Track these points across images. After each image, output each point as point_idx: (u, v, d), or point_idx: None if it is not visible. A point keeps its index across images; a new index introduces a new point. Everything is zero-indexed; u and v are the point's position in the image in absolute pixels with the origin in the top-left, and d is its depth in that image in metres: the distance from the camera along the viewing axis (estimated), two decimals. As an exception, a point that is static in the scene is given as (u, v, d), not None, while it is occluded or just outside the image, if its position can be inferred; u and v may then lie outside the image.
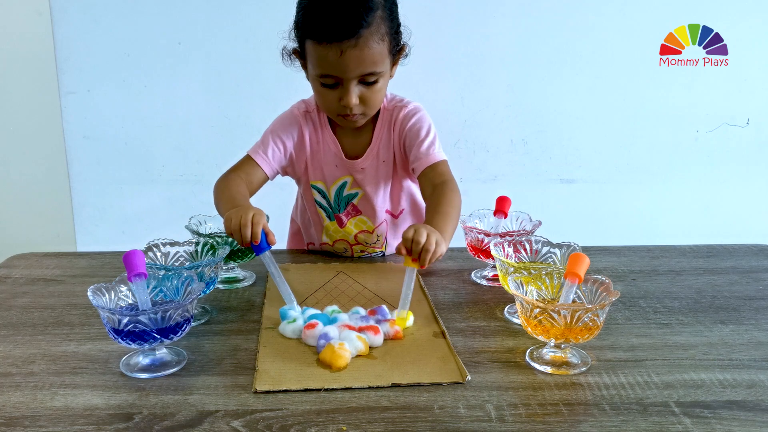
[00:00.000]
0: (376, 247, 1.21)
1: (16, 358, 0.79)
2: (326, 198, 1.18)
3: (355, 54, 0.97)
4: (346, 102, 1.02)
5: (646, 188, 2.12)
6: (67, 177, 1.98)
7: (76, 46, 1.87)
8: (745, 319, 0.92)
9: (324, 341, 0.79)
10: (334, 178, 1.16)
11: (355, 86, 1.02)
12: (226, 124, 1.97)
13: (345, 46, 0.97)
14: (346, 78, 1.00)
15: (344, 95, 1.02)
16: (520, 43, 1.96)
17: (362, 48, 0.97)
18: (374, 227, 1.18)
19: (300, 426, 0.65)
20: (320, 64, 1.01)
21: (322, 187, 1.17)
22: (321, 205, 1.19)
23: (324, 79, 1.02)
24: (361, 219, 1.18)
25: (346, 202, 1.17)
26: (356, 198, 1.17)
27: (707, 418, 0.67)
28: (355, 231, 1.18)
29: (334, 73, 1.00)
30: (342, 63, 0.98)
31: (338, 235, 1.19)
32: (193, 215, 1.07)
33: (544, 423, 0.66)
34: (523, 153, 2.04)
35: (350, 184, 1.16)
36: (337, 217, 1.18)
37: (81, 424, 0.65)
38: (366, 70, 1.00)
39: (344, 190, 1.16)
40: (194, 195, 2.00)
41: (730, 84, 2.03)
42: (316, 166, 1.16)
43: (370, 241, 1.19)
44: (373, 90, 1.04)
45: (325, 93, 1.05)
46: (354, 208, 1.18)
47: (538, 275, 0.83)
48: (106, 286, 0.78)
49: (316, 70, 1.02)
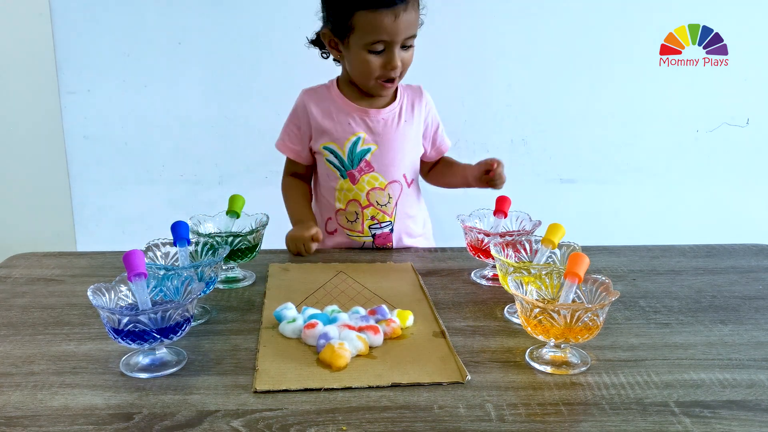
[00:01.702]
0: (387, 214, 1.25)
1: (16, 357, 0.79)
2: (338, 157, 1.23)
3: (406, 17, 1.10)
4: (394, 64, 1.14)
5: (646, 188, 2.13)
6: (67, 177, 1.98)
7: (76, 46, 1.87)
8: (745, 319, 0.92)
9: (324, 341, 0.79)
10: (347, 135, 1.23)
11: (398, 50, 1.14)
12: (226, 124, 1.97)
13: (399, 10, 1.09)
14: (395, 41, 1.12)
15: (392, 58, 1.14)
16: (520, 43, 1.96)
17: (410, 12, 1.11)
18: (386, 184, 1.24)
19: (300, 426, 0.65)
20: (374, 31, 1.11)
21: (333, 146, 1.23)
22: (333, 164, 1.25)
23: (374, 46, 1.13)
24: (373, 176, 1.24)
25: (360, 157, 1.23)
26: (369, 153, 1.23)
27: (707, 418, 0.67)
28: (367, 188, 1.24)
29: (387, 37, 1.11)
30: (396, 26, 1.10)
31: (351, 194, 1.24)
32: (193, 215, 1.07)
33: (544, 423, 0.66)
34: (523, 153, 2.04)
35: (363, 140, 1.22)
36: (350, 174, 1.24)
37: (81, 424, 0.65)
38: (412, 32, 1.13)
39: (358, 145, 1.22)
40: (194, 195, 2.00)
41: (730, 84, 2.03)
42: (325, 128, 1.23)
43: (381, 201, 1.24)
44: (409, 53, 1.17)
45: (371, 60, 1.15)
46: (367, 164, 1.23)
47: (537, 275, 0.83)
48: (106, 286, 0.78)
49: (367, 38, 1.12)
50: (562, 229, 0.93)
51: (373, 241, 1.26)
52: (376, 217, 1.25)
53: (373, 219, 1.25)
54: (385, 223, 1.26)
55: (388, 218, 1.26)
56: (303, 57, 1.93)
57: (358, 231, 1.26)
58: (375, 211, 1.25)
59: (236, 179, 2.00)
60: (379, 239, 1.27)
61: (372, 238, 1.26)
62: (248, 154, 1.99)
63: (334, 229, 1.29)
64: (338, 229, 1.28)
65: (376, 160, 1.24)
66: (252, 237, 1.01)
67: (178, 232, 0.93)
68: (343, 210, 1.26)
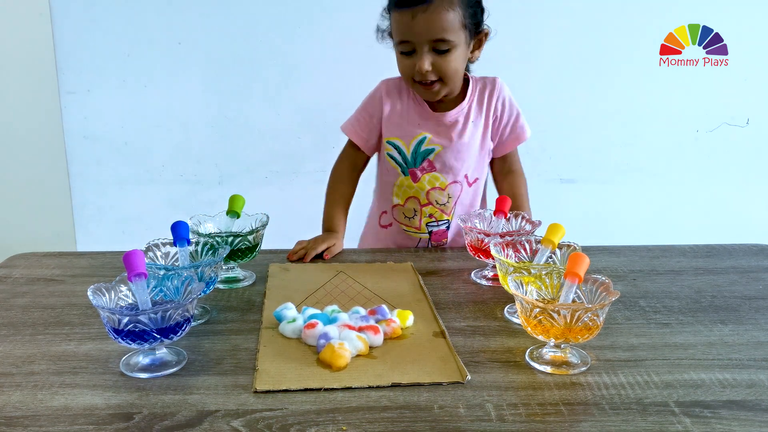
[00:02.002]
0: (445, 213, 1.25)
1: (17, 357, 0.79)
2: (402, 153, 1.23)
3: (425, 18, 1.08)
4: (419, 66, 1.12)
5: (646, 188, 2.13)
6: (67, 177, 1.98)
7: (76, 46, 1.87)
8: (745, 319, 0.92)
9: (324, 341, 0.79)
10: (414, 134, 1.22)
11: (427, 53, 1.12)
12: (226, 124, 1.97)
13: (416, 11, 1.08)
14: (417, 42, 1.11)
15: (417, 61, 1.12)
16: (520, 43, 1.96)
17: (431, 13, 1.08)
18: (447, 184, 1.24)
19: (300, 426, 0.65)
20: (397, 31, 1.13)
21: (398, 142, 1.23)
22: (395, 159, 1.25)
23: (401, 46, 1.14)
24: (434, 175, 1.24)
25: (423, 157, 1.23)
26: (433, 154, 1.23)
27: (707, 418, 0.67)
28: (427, 187, 1.24)
29: (407, 37, 1.11)
30: (413, 27, 1.09)
31: (411, 192, 1.25)
32: (193, 215, 1.07)
33: (544, 423, 0.66)
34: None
35: (428, 140, 1.22)
36: (412, 172, 1.24)
37: (81, 424, 0.65)
38: (436, 35, 1.10)
39: (422, 145, 1.22)
40: (194, 195, 2.00)
41: (730, 84, 2.03)
42: (395, 122, 1.24)
43: (440, 200, 1.24)
44: (445, 59, 1.13)
45: (403, 60, 1.16)
46: (429, 164, 1.23)
47: (537, 275, 0.83)
48: (106, 286, 0.78)
49: (396, 37, 1.14)
50: (562, 229, 0.93)
51: (429, 238, 1.27)
52: (434, 215, 1.26)
53: (431, 217, 1.26)
54: (443, 222, 1.27)
55: (446, 217, 1.27)
56: (303, 57, 1.93)
57: (414, 227, 1.27)
58: (434, 210, 1.26)
59: (236, 179, 2.00)
60: (436, 236, 1.27)
61: (429, 235, 1.27)
62: (248, 154, 1.99)
63: (389, 223, 1.29)
64: (393, 224, 1.29)
65: (438, 161, 1.23)
66: (252, 237, 1.01)
67: (178, 232, 0.93)
68: (401, 206, 1.26)
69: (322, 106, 1.89)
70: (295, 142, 1.96)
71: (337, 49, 1.89)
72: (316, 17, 1.89)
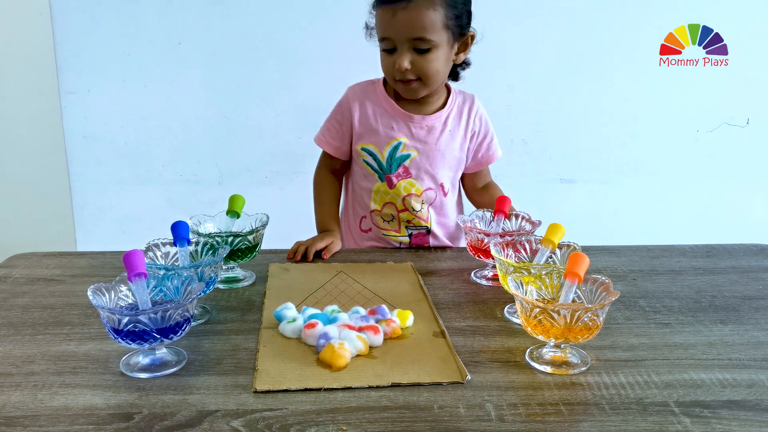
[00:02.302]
0: (422, 219, 1.25)
1: (17, 357, 0.79)
2: (377, 160, 1.23)
3: (404, 16, 1.09)
4: (398, 64, 1.12)
5: (646, 188, 2.12)
6: (67, 177, 1.98)
7: (76, 46, 1.87)
8: (745, 319, 0.92)
9: (324, 341, 0.79)
10: (389, 139, 1.22)
11: (407, 51, 1.12)
12: (226, 124, 1.97)
13: (397, 8, 1.09)
14: (397, 39, 1.11)
15: (396, 59, 1.13)
16: (520, 43, 1.96)
17: (411, 11, 1.08)
18: (422, 191, 1.24)
19: (300, 426, 0.65)
20: (379, 27, 1.14)
21: (371, 148, 1.23)
22: (371, 166, 1.25)
23: (382, 43, 1.14)
24: (410, 182, 1.24)
25: (398, 162, 1.23)
26: (408, 159, 1.22)
27: (707, 418, 0.67)
28: (403, 193, 1.24)
29: (387, 34, 1.12)
30: (394, 24, 1.10)
31: (387, 197, 1.25)
32: (193, 215, 1.07)
33: (544, 423, 0.66)
34: (523, 153, 2.04)
35: (404, 145, 1.22)
36: (387, 178, 1.24)
37: (81, 424, 0.65)
38: (415, 33, 1.10)
39: (398, 150, 1.22)
40: (194, 195, 2.00)
41: (730, 84, 2.03)
42: (367, 128, 1.23)
43: (416, 207, 1.24)
44: (426, 59, 1.12)
45: (384, 58, 1.16)
46: (405, 170, 1.23)
47: (537, 275, 0.83)
48: (106, 285, 0.78)
49: (378, 34, 1.15)
50: (562, 229, 0.94)
51: (409, 240, 1.27)
52: (412, 221, 1.26)
53: (409, 222, 1.26)
54: (421, 227, 1.27)
55: (423, 223, 1.26)
56: (303, 57, 1.93)
57: (394, 231, 1.26)
58: (410, 216, 1.25)
59: (236, 179, 2.00)
60: (416, 239, 1.27)
61: (408, 238, 1.27)
62: (248, 154, 1.99)
63: (368, 228, 1.29)
64: (373, 228, 1.28)
65: (414, 167, 1.23)
66: (252, 237, 1.01)
67: (178, 232, 0.93)
68: (379, 211, 1.26)
69: (322, 106, 1.89)
70: (295, 142, 1.96)
71: (337, 49, 1.89)
72: (316, 17, 1.89)
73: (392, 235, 1.26)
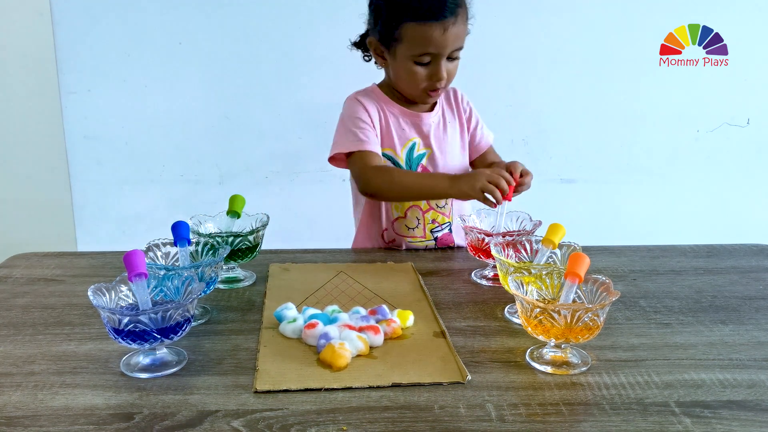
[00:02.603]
0: (446, 215, 1.25)
1: (17, 357, 0.79)
2: (396, 163, 1.23)
3: (454, 30, 1.10)
4: (440, 76, 1.13)
5: (646, 188, 2.12)
6: (67, 177, 1.98)
7: (76, 46, 1.87)
8: (745, 319, 0.92)
9: (324, 341, 0.79)
10: (404, 141, 1.22)
11: (444, 61, 1.14)
12: (226, 124, 1.97)
13: (448, 23, 1.09)
14: (443, 54, 1.12)
15: (437, 70, 1.13)
16: (520, 43, 1.96)
17: (459, 25, 1.11)
18: None
19: (300, 426, 0.65)
20: (422, 43, 1.11)
21: (389, 153, 1.22)
22: None
23: (421, 58, 1.13)
24: None
25: (417, 162, 1.23)
26: (425, 158, 1.23)
27: (707, 418, 0.67)
28: None
29: (435, 50, 1.11)
30: (444, 39, 1.10)
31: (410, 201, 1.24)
32: (193, 215, 1.07)
33: (544, 423, 0.66)
34: (523, 153, 2.04)
35: (419, 144, 1.23)
36: None
37: (81, 424, 0.65)
38: (459, 44, 1.14)
39: (414, 150, 1.22)
40: (194, 195, 2.00)
41: (730, 84, 2.03)
42: (383, 134, 1.23)
43: (440, 203, 1.24)
44: (455, 64, 1.17)
45: (417, 71, 1.15)
46: (424, 169, 1.24)
47: (538, 275, 0.83)
48: (106, 286, 0.78)
49: (414, 50, 1.12)
50: (562, 229, 0.94)
51: (435, 243, 1.26)
52: (437, 219, 1.25)
53: (434, 222, 1.25)
54: (445, 225, 1.26)
55: (447, 219, 1.26)
56: (303, 56, 1.93)
57: (419, 237, 1.25)
58: (435, 214, 1.25)
59: (236, 179, 2.00)
60: (441, 241, 1.26)
61: (434, 241, 1.26)
62: (248, 154, 1.99)
63: (392, 239, 1.27)
64: (396, 239, 1.26)
65: (431, 164, 1.24)
66: (252, 237, 1.01)
67: (179, 232, 0.93)
68: (403, 218, 1.25)
69: (322, 106, 1.89)
70: (295, 142, 1.96)
71: (337, 49, 1.89)
72: (316, 17, 1.89)
73: (418, 241, 1.25)
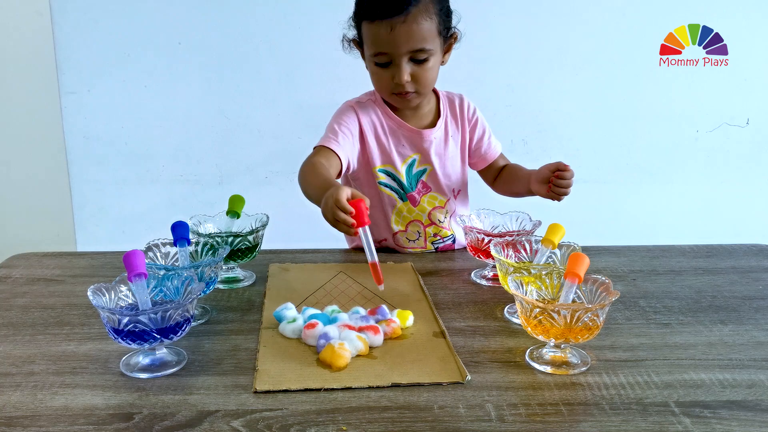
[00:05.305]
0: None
1: (16, 357, 0.79)
2: (396, 179, 1.21)
3: (404, 29, 1.05)
4: (399, 78, 1.09)
5: (646, 188, 2.12)
6: (67, 177, 1.98)
7: (76, 46, 1.86)
8: (745, 319, 0.92)
9: (324, 341, 0.79)
10: (404, 157, 1.20)
11: (406, 63, 1.08)
12: (226, 124, 1.97)
13: (395, 22, 1.04)
14: (396, 54, 1.07)
15: (396, 72, 1.09)
16: (520, 43, 1.96)
17: (410, 24, 1.05)
18: (445, 201, 1.24)
19: (300, 426, 0.65)
20: (373, 43, 1.08)
21: (389, 169, 1.20)
22: (391, 187, 1.21)
23: (377, 58, 1.09)
24: (432, 195, 1.23)
25: (417, 178, 1.21)
26: (425, 174, 1.21)
27: (707, 418, 0.67)
28: (428, 208, 1.22)
29: (385, 49, 1.07)
30: (392, 39, 1.05)
31: (412, 216, 1.23)
32: (193, 215, 1.07)
33: (544, 423, 0.66)
34: (523, 153, 2.04)
35: (419, 160, 1.20)
36: (410, 197, 1.22)
37: (81, 424, 0.65)
38: (415, 45, 1.07)
39: (414, 167, 1.20)
40: (194, 195, 2.00)
41: (730, 84, 2.03)
42: (382, 149, 1.20)
43: (441, 219, 1.23)
44: (423, 68, 1.10)
45: (379, 73, 1.11)
46: (424, 185, 1.22)
47: (537, 275, 0.83)
48: (106, 286, 0.78)
49: (370, 49, 1.10)
50: (562, 229, 0.94)
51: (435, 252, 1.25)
52: (439, 233, 1.25)
53: (436, 236, 1.25)
54: (447, 237, 1.26)
55: (449, 232, 1.26)
56: (303, 57, 1.93)
57: (420, 248, 1.24)
58: (437, 229, 1.24)
59: (236, 179, 2.00)
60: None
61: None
62: (248, 154, 1.99)
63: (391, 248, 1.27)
64: (396, 249, 1.25)
65: (431, 180, 1.22)
66: (252, 237, 1.01)
67: (178, 232, 0.93)
68: (404, 231, 1.24)
69: (321, 106, 1.89)
70: (295, 142, 1.96)
71: (337, 49, 1.89)
72: (316, 17, 1.89)
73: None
